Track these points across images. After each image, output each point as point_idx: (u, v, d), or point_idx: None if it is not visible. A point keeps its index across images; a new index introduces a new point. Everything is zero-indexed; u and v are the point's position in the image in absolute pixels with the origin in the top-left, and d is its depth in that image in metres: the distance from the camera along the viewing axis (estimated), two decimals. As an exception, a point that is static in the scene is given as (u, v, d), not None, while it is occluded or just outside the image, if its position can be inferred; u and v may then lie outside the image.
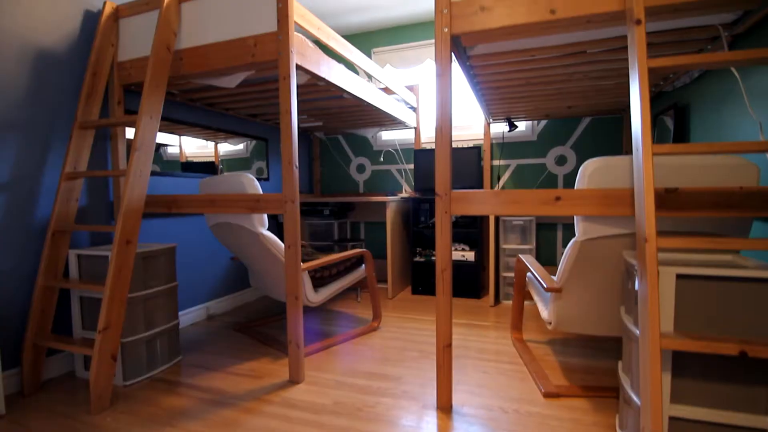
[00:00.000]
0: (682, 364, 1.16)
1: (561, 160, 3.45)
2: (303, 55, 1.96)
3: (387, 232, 3.29)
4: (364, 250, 2.55)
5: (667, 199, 1.36)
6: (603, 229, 1.53)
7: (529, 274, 2.14)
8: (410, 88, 3.75)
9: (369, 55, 3.97)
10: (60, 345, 1.81)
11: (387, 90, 3.27)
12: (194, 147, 2.91)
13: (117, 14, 2.19)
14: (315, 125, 3.66)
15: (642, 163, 1.19)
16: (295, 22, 1.88)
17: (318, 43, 2.13)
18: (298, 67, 1.94)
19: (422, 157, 3.69)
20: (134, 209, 1.81)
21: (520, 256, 2.19)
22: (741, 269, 1.12)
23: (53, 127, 2.00)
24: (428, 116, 3.85)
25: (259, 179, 3.48)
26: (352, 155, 4.13)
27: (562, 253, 3.41)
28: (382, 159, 4.02)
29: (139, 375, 1.95)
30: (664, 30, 1.67)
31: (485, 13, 1.53)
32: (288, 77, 1.80)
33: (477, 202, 1.60)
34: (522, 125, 3.53)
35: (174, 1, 2.00)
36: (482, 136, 3.62)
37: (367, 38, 3.98)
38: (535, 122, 3.51)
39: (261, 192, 2.02)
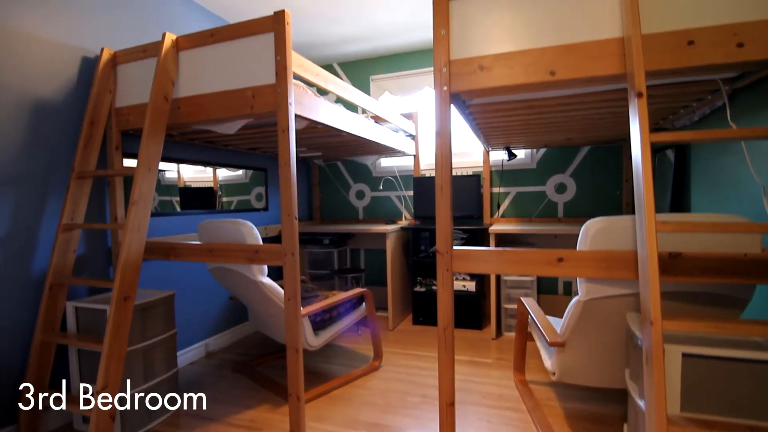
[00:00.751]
0: (689, 445, 1.14)
1: (561, 188, 3.44)
2: (301, 104, 1.95)
3: (387, 262, 3.27)
4: (365, 289, 2.54)
5: (670, 264, 1.35)
6: (606, 290, 1.51)
7: (530, 318, 2.12)
8: (409, 116, 3.75)
9: (367, 83, 3.97)
10: (58, 403, 1.78)
11: (384, 120, 3.26)
12: (192, 172, 2.90)
13: (115, 60, 2.18)
14: (314, 155, 3.65)
15: (646, 239, 1.18)
16: (294, 72, 1.87)
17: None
18: (297, 116, 1.93)
19: (421, 185, 3.69)
20: (132, 264, 1.80)
21: (521, 298, 2.17)
22: (748, 350, 1.10)
23: (51, 177, 1.99)
24: (427, 143, 3.85)
25: (258, 209, 3.46)
26: (352, 182, 4.12)
27: (563, 282, 3.41)
28: (381, 187, 4.01)
29: (139, 428, 1.93)
30: (664, 84, 1.66)
31: (484, 72, 1.52)
32: (287, 129, 1.79)
33: (480, 261, 1.58)
34: (521, 153, 3.53)
35: (172, 50, 2.00)
36: (482, 164, 3.62)
37: (365, 66, 3.98)
38: (534, 150, 3.51)
39: (261, 242, 2.00)
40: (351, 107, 2.80)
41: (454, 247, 1.60)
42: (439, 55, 1.56)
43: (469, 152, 3.73)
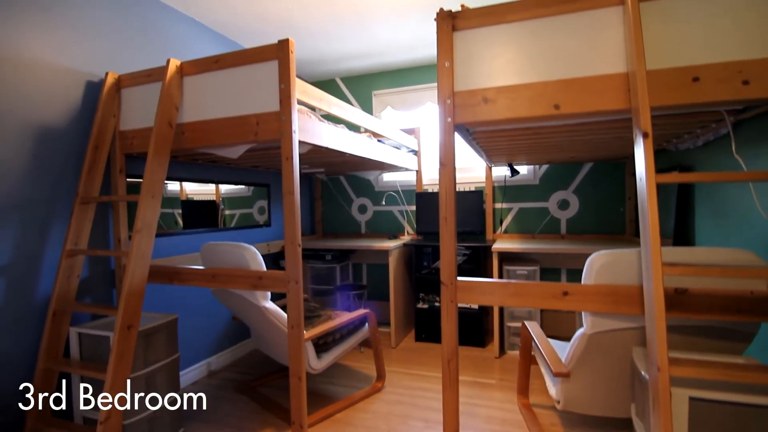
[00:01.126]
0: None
1: (563, 205, 3.43)
2: (305, 130, 1.95)
3: (390, 279, 3.26)
4: (368, 310, 2.53)
5: (676, 300, 1.35)
6: (611, 323, 1.51)
7: (534, 344, 2.11)
8: (411, 131, 3.76)
9: (370, 97, 3.98)
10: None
11: (386, 137, 3.27)
12: (194, 184, 2.90)
13: (119, 84, 2.19)
14: (317, 171, 3.66)
15: (653, 281, 1.17)
16: (297, 99, 1.88)
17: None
18: (301, 141, 1.93)
19: (424, 200, 3.68)
20: (136, 292, 1.80)
21: (525, 323, 2.16)
22: (756, 395, 1.10)
23: (55, 202, 1.99)
24: (429, 159, 3.86)
25: (261, 224, 3.46)
26: (354, 196, 4.12)
27: None
28: (384, 202, 4.01)
29: (140, 455, 1.92)
30: (668, 114, 1.66)
31: (488, 104, 1.52)
32: (291, 158, 1.79)
33: (484, 293, 1.58)
34: (523, 169, 3.52)
35: (176, 76, 2.00)
36: (484, 179, 3.62)
37: (368, 81, 3.99)
38: (537, 167, 3.50)
39: (264, 267, 2.00)
40: (354, 126, 2.80)
41: (459, 278, 1.60)
42: (444, 86, 1.57)
43: (472, 167, 3.73)
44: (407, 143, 3.53)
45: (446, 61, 1.56)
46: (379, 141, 3.00)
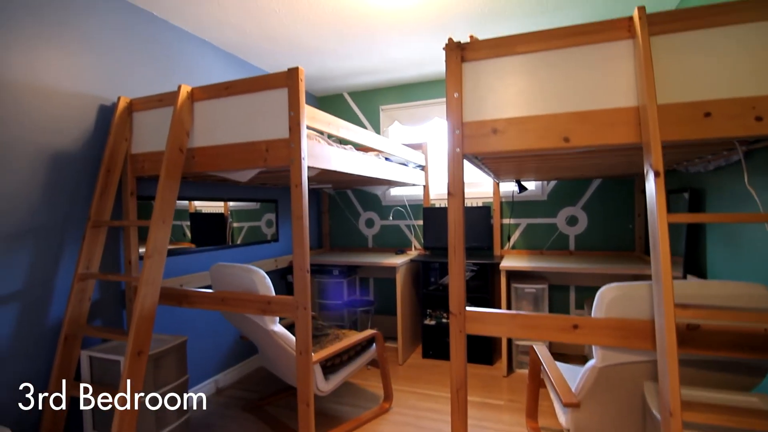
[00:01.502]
0: None
1: (572, 221, 3.42)
2: (314, 156, 1.97)
3: (397, 295, 3.26)
4: (375, 331, 2.53)
5: (688, 336, 1.33)
6: (622, 356, 1.49)
7: (543, 368, 2.09)
8: (418, 147, 3.76)
9: (377, 112, 4.00)
10: None
11: (391, 154, 3.27)
12: None
13: (131, 108, 2.21)
14: (325, 186, 3.67)
15: (665, 326, 1.16)
16: (306, 125, 1.89)
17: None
18: (310, 167, 1.94)
19: (431, 215, 3.68)
20: (146, 317, 1.81)
21: (534, 346, 2.15)
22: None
23: (68, 226, 2.02)
24: (437, 174, 3.86)
25: (269, 239, 3.47)
26: (361, 210, 4.13)
27: (575, 299, 3.36)
28: (391, 217, 4.01)
29: (149, 479, 1.93)
30: (680, 144, 1.65)
31: (498, 135, 1.52)
32: (300, 185, 1.80)
33: (493, 324, 1.57)
34: (531, 185, 3.51)
35: (187, 101, 2.02)
36: (491, 195, 3.61)
37: (375, 96, 4.01)
38: (545, 182, 3.49)
39: (272, 291, 2.01)
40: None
41: (468, 308, 1.59)
42: (453, 117, 1.57)
43: (479, 182, 3.72)
44: (414, 159, 3.53)
45: (455, 92, 1.56)
46: (386, 159, 3.01)
